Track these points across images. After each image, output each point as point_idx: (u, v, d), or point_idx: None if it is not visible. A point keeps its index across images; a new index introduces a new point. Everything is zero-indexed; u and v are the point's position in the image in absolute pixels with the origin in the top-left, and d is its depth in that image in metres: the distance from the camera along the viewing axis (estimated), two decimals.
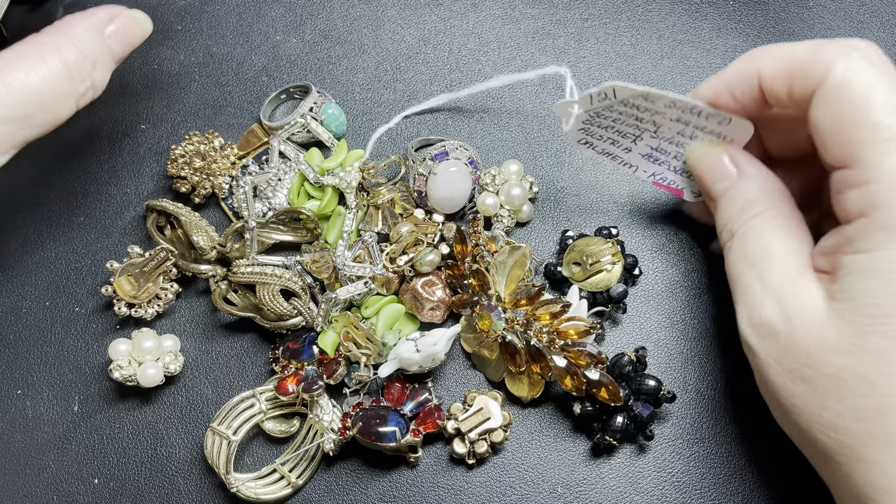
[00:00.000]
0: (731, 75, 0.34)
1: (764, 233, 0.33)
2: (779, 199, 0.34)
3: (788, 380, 0.31)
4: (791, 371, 0.31)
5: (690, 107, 0.36)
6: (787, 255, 0.32)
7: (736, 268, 0.34)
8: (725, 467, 0.40)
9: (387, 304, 0.42)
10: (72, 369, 0.43)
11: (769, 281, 0.32)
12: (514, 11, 0.49)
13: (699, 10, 0.49)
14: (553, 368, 0.38)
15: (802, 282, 0.32)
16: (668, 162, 0.39)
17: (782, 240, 0.33)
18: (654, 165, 0.40)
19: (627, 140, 0.39)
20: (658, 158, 0.40)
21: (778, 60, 0.33)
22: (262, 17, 0.50)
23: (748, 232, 0.34)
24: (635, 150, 0.40)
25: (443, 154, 0.43)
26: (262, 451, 0.42)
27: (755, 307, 0.32)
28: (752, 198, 0.34)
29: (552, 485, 0.40)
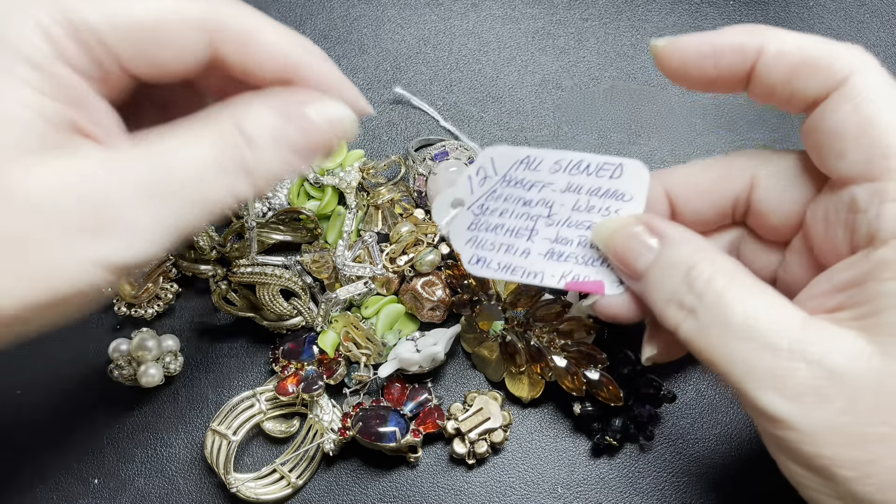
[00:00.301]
0: (726, 42, 0.30)
1: (736, 296, 0.28)
2: (718, 256, 0.30)
3: (853, 448, 0.26)
4: (855, 436, 0.26)
5: (576, 163, 0.33)
6: (779, 309, 0.27)
7: (722, 347, 0.28)
8: (726, 467, 0.40)
9: (387, 304, 0.42)
10: (71, 369, 0.43)
11: (784, 343, 0.26)
12: (514, 11, 0.49)
13: (699, 9, 0.49)
14: (553, 368, 0.38)
15: (821, 330, 0.27)
16: (573, 254, 0.34)
17: (759, 297, 0.28)
18: (559, 264, 0.34)
19: (522, 240, 0.35)
20: (561, 253, 0.34)
21: (788, 47, 0.29)
22: None
23: (715, 301, 0.28)
24: (534, 250, 0.34)
25: (443, 154, 0.43)
26: (261, 451, 0.41)
27: (784, 377, 0.26)
28: (692, 262, 0.29)
29: (552, 485, 0.40)
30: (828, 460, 0.26)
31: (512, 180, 0.34)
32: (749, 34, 0.30)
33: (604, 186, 0.33)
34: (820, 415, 0.26)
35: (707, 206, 0.33)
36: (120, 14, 0.25)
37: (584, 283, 0.34)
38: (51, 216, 0.23)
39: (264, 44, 0.29)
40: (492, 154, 0.34)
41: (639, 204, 0.33)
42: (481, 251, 0.35)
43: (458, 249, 0.35)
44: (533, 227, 0.34)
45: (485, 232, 0.35)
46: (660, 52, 0.31)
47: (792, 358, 0.26)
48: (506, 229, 0.35)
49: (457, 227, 0.35)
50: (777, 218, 0.32)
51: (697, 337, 0.29)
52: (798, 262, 0.32)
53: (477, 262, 0.35)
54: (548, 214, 0.34)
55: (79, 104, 0.25)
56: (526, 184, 0.34)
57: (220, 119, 0.27)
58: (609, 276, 0.33)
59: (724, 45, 0.30)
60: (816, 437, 0.26)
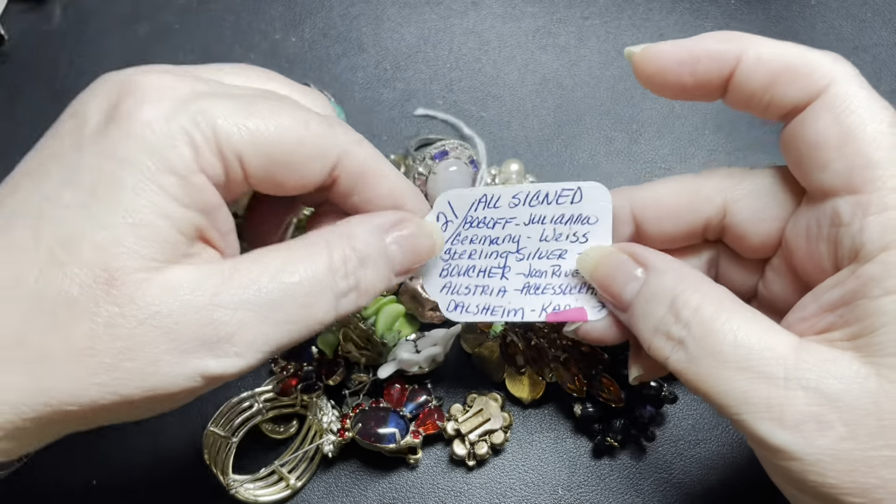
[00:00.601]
0: (703, 49, 0.29)
1: (725, 324, 0.27)
2: (701, 281, 0.29)
3: (859, 473, 0.25)
4: (859, 461, 0.25)
5: (534, 194, 0.33)
6: (771, 335, 0.27)
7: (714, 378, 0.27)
8: (726, 468, 0.40)
9: (386, 305, 0.42)
10: None
11: (779, 371, 0.26)
12: (515, 10, 0.49)
13: (700, 8, 0.49)
14: (554, 369, 0.38)
15: (815, 354, 0.26)
16: (549, 284, 0.34)
17: (749, 324, 0.27)
18: (538, 297, 0.34)
19: (496, 279, 0.34)
20: (538, 286, 0.34)
21: (767, 54, 0.29)
22: (260, 15, 0.50)
23: (704, 331, 0.27)
24: (510, 287, 0.34)
25: (443, 154, 0.42)
26: (260, 452, 0.41)
27: (781, 407, 0.26)
28: (676, 290, 0.29)
29: (553, 486, 0.40)
30: (834, 489, 0.25)
31: (474, 221, 0.34)
32: (727, 41, 0.29)
33: (567, 213, 0.33)
34: (822, 442, 0.25)
35: (675, 227, 0.33)
36: (262, 135, 0.27)
37: (565, 312, 0.33)
38: (167, 327, 0.24)
39: (380, 184, 0.31)
40: (448, 198, 0.34)
41: (605, 225, 0.33)
42: (458, 297, 0.34)
43: (434, 298, 0.34)
44: (504, 264, 0.34)
45: (457, 276, 0.34)
46: (635, 59, 0.30)
47: (788, 386, 0.26)
48: (478, 270, 0.34)
49: (429, 274, 0.34)
50: (756, 238, 0.31)
51: (688, 369, 0.28)
52: (779, 280, 0.32)
53: (455, 309, 0.34)
54: (517, 249, 0.34)
55: (208, 212, 0.26)
56: (489, 222, 0.34)
57: (334, 241, 0.28)
58: (589, 301, 0.33)
59: (701, 52, 0.29)
60: (820, 466, 0.25)
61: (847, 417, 0.25)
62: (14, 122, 0.48)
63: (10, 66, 0.50)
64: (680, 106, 0.46)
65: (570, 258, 0.33)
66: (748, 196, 0.31)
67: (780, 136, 0.30)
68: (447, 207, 0.34)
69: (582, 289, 0.33)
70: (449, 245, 0.34)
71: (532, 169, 0.45)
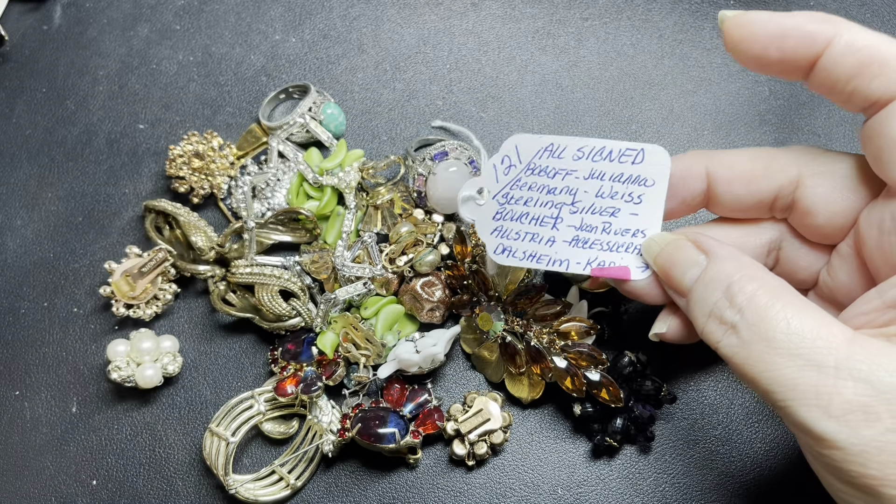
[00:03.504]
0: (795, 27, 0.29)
1: (778, 312, 0.28)
2: (760, 272, 0.30)
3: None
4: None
5: (599, 150, 0.34)
6: (824, 326, 0.27)
7: (765, 363, 0.28)
8: (726, 468, 0.40)
9: (386, 305, 0.42)
10: (70, 370, 0.43)
11: (830, 361, 0.26)
12: (514, 10, 0.49)
13: (700, 9, 0.49)
14: (553, 369, 0.38)
15: (869, 347, 0.26)
16: (598, 240, 0.35)
17: (803, 313, 0.27)
18: (584, 251, 0.35)
19: (547, 228, 0.35)
20: (587, 240, 0.35)
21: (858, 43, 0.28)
22: (260, 16, 0.50)
23: (757, 318, 0.28)
24: (559, 238, 0.35)
25: (442, 154, 0.42)
26: (260, 452, 0.41)
27: (829, 396, 0.26)
28: (735, 278, 0.29)
29: (552, 486, 0.40)
30: (875, 480, 0.26)
31: (536, 168, 0.35)
32: (820, 22, 0.29)
33: (626, 172, 0.34)
34: (867, 433, 0.26)
35: (746, 192, 0.33)
36: None
37: (610, 269, 0.35)
38: None
39: None
40: (516, 142, 0.35)
41: (661, 189, 0.34)
42: (507, 241, 0.36)
43: (484, 239, 0.36)
44: (557, 215, 0.35)
45: (510, 221, 0.35)
46: (727, 24, 0.30)
47: (839, 376, 0.26)
48: (530, 218, 0.35)
49: (482, 217, 0.36)
50: (822, 219, 0.32)
51: (738, 353, 0.28)
52: (845, 268, 0.32)
53: (503, 252, 0.36)
54: (572, 202, 0.35)
55: None
56: (550, 171, 0.35)
57: None
58: (634, 261, 0.34)
59: (792, 28, 0.29)
60: (863, 457, 0.26)
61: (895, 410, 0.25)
62: (14, 122, 0.48)
63: (10, 66, 0.50)
64: (679, 106, 0.46)
65: (621, 217, 0.35)
66: (824, 175, 0.31)
67: (861, 129, 0.30)
68: (513, 151, 0.35)
69: (629, 248, 0.34)
70: (507, 189, 0.35)
71: None
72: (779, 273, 0.34)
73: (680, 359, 0.42)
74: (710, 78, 0.47)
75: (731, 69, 0.47)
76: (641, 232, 0.34)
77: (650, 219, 0.34)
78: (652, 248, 0.33)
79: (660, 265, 0.33)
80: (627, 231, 0.34)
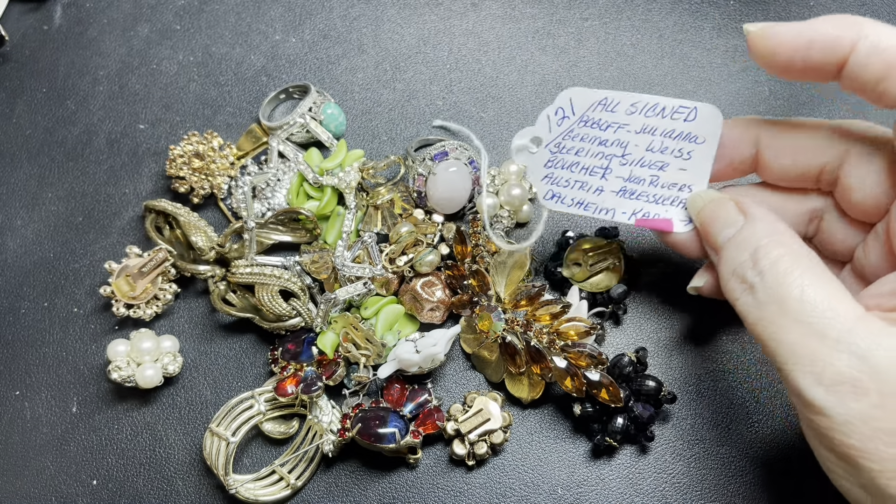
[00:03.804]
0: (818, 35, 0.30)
1: (796, 280, 0.29)
2: (791, 240, 0.31)
3: (882, 442, 0.26)
4: (884, 431, 0.26)
5: (652, 106, 0.36)
6: (836, 300, 0.28)
7: (774, 325, 0.29)
8: (726, 468, 0.40)
9: (386, 305, 0.42)
10: (70, 370, 0.43)
11: (830, 332, 0.27)
12: (514, 11, 0.49)
13: (700, 9, 0.49)
14: (553, 369, 0.38)
15: (873, 326, 0.27)
16: (645, 192, 0.36)
17: (818, 284, 0.29)
18: (631, 201, 0.36)
19: (596, 178, 0.37)
20: (634, 191, 0.36)
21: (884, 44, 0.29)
22: (261, 16, 0.50)
23: (777, 281, 0.29)
24: (607, 188, 0.37)
25: (442, 154, 0.42)
26: (260, 452, 0.41)
27: (824, 365, 0.27)
28: (764, 242, 0.31)
29: (552, 486, 0.40)
30: (855, 451, 0.27)
31: (589, 121, 0.36)
32: (844, 27, 0.29)
33: (678, 129, 0.35)
34: (854, 406, 0.27)
35: (793, 161, 0.34)
36: None
37: (654, 220, 0.36)
38: None
39: None
40: (570, 95, 0.36)
41: (710, 147, 0.35)
42: (556, 187, 0.37)
43: (535, 185, 0.38)
44: (607, 167, 0.37)
45: (560, 169, 0.37)
46: (751, 37, 0.31)
47: (837, 348, 0.27)
48: (581, 167, 0.37)
49: (534, 164, 0.38)
50: (860, 197, 0.32)
51: (752, 313, 0.30)
52: (877, 249, 0.33)
53: (552, 198, 0.38)
54: (622, 154, 0.36)
55: None
56: (602, 124, 0.36)
57: None
58: (678, 214, 0.36)
59: (815, 36, 0.30)
60: (847, 427, 0.27)
61: (884, 389, 0.26)
62: (14, 122, 0.48)
63: (10, 66, 0.50)
64: None
65: (669, 171, 0.36)
66: (868, 156, 0.32)
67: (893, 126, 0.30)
68: (567, 103, 0.36)
69: (675, 202, 0.36)
70: (560, 139, 0.37)
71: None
72: (817, 243, 0.35)
73: (680, 358, 0.42)
74: (710, 78, 0.47)
75: (730, 69, 0.47)
76: (688, 187, 0.36)
77: (698, 175, 0.36)
78: (696, 203, 0.35)
79: (701, 220, 0.34)
80: (674, 185, 0.36)
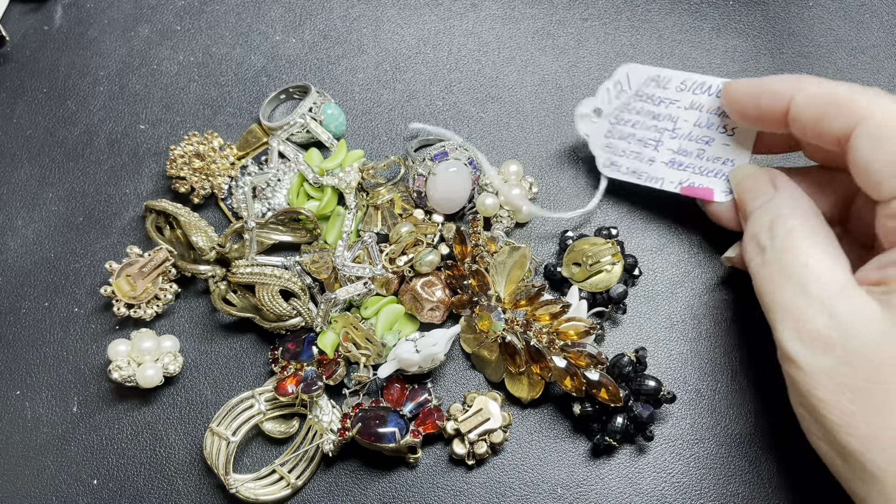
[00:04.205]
0: (764, 87, 0.36)
1: (802, 247, 0.33)
2: (811, 215, 0.34)
3: (844, 397, 0.30)
4: (846, 386, 0.30)
5: (700, 83, 0.39)
6: (830, 268, 0.32)
7: (773, 283, 0.33)
8: (725, 468, 0.40)
9: (386, 305, 0.42)
10: (71, 370, 0.43)
11: (817, 294, 0.31)
12: (514, 11, 0.49)
13: (699, 9, 0.49)
14: (553, 369, 0.38)
15: (853, 293, 0.31)
16: (691, 164, 0.40)
17: (821, 254, 0.33)
18: (678, 172, 0.40)
19: (649, 149, 0.41)
20: (682, 163, 0.40)
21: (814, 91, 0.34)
22: (261, 16, 0.50)
23: (784, 246, 0.33)
24: (658, 159, 0.41)
25: (442, 154, 0.43)
26: (261, 451, 0.41)
27: (804, 322, 0.31)
28: (784, 212, 0.35)
29: (552, 485, 0.40)
30: (820, 402, 0.31)
31: (643, 95, 0.41)
32: (784, 81, 0.35)
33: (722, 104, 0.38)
34: (823, 360, 0.31)
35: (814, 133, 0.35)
36: None
37: (698, 189, 0.40)
38: None
39: None
40: (627, 70, 0.41)
41: None
42: (614, 156, 0.41)
43: (595, 153, 0.42)
44: (659, 139, 0.40)
45: (618, 140, 0.41)
46: (723, 90, 0.38)
47: (820, 309, 0.31)
48: (636, 139, 0.41)
49: (595, 133, 0.42)
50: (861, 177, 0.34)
51: (759, 272, 0.34)
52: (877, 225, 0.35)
53: (610, 166, 0.41)
54: (672, 128, 0.40)
55: None
56: (655, 99, 0.40)
57: None
58: (720, 185, 0.40)
59: (763, 89, 0.36)
60: (816, 380, 0.31)
61: (849, 346, 0.30)
62: (15, 123, 0.48)
63: (11, 66, 0.50)
64: None
65: (715, 146, 0.40)
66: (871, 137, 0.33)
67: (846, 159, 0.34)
68: (625, 78, 0.41)
69: (718, 174, 0.40)
70: (618, 112, 0.41)
71: (531, 170, 0.45)
72: (852, 226, 0.38)
73: (680, 358, 0.42)
74: None
75: (729, 69, 0.47)
76: (731, 161, 0.39)
77: (741, 150, 0.39)
78: (737, 175, 0.39)
79: (738, 190, 0.38)
80: (718, 159, 0.40)
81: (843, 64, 0.47)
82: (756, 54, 0.48)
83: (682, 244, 0.44)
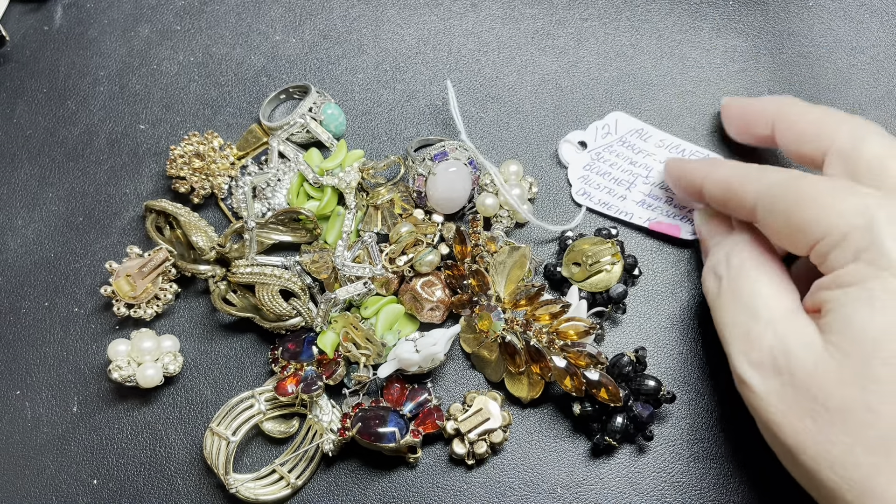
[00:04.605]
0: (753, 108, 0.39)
1: (751, 276, 0.35)
2: (763, 249, 0.36)
3: (794, 417, 0.31)
4: (795, 408, 0.31)
5: (676, 145, 0.44)
6: (776, 295, 0.34)
7: (727, 310, 0.35)
8: (725, 468, 0.40)
9: (386, 305, 0.42)
10: (71, 370, 0.43)
11: (764, 318, 0.33)
12: (514, 11, 0.49)
13: (699, 9, 0.49)
14: (553, 369, 0.38)
15: (797, 318, 0.33)
16: (660, 207, 0.43)
17: (769, 283, 0.34)
18: (648, 211, 0.43)
19: (622, 188, 0.44)
20: (651, 205, 0.43)
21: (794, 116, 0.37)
22: (261, 16, 0.50)
23: (736, 276, 0.35)
24: (630, 197, 0.44)
25: (442, 154, 0.43)
26: (261, 451, 0.41)
27: (753, 346, 0.33)
28: (739, 246, 0.37)
29: (552, 485, 0.40)
30: (774, 424, 0.32)
31: (626, 143, 0.45)
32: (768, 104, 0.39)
33: None
34: (772, 383, 0.32)
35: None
36: None
37: (665, 225, 0.43)
38: None
39: None
40: (616, 117, 0.45)
41: None
42: (588, 187, 0.44)
43: (572, 180, 0.45)
44: (632, 182, 0.44)
45: (595, 175, 0.44)
46: (721, 108, 0.43)
47: (765, 331, 0.33)
48: (612, 177, 0.44)
49: (575, 162, 0.45)
50: None
51: (716, 301, 0.36)
52: None
53: (583, 195, 0.44)
54: (646, 176, 0.44)
55: None
56: (636, 148, 0.44)
57: None
58: (685, 226, 0.43)
59: (752, 111, 0.40)
60: (766, 402, 0.32)
61: (793, 369, 0.31)
62: (15, 123, 0.48)
63: (11, 66, 0.50)
64: (678, 107, 0.46)
65: None
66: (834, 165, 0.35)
67: None
68: (614, 122, 0.45)
69: (683, 218, 0.43)
70: (600, 150, 0.45)
71: (531, 170, 0.45)
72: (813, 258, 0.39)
73: (680, 358, 0.42)
74: (709, 78, 0.47)
75: (729, 69, 0.47)
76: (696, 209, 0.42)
77: None
78: (700, 218, 0.41)
79: (701, 231, 0.41)
80: (685, 208, 0.43)
81: (842, 64, 0.47)
82: (756, 54, 0.48)
83: (682, 244, 0.44)
